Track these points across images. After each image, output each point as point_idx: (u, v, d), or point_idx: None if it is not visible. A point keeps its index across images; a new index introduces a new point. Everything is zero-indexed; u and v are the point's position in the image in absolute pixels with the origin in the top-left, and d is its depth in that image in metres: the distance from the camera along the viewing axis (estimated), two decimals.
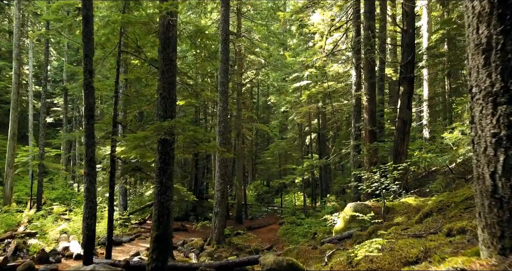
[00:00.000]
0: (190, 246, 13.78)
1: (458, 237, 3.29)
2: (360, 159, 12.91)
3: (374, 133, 12.80)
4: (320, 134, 24.75)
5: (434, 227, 4.50)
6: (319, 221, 16.79)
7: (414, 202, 8.29)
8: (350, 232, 7.83)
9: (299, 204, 27.61)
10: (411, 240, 3.80)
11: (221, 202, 14.37)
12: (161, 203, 6.85)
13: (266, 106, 41.51)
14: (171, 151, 7.04)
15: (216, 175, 14.55)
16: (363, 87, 13.39)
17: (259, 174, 39.15)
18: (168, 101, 7.06)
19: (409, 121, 12.41)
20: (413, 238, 4.03)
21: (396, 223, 6.94)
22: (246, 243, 15.90)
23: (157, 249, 6.69)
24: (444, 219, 4.96)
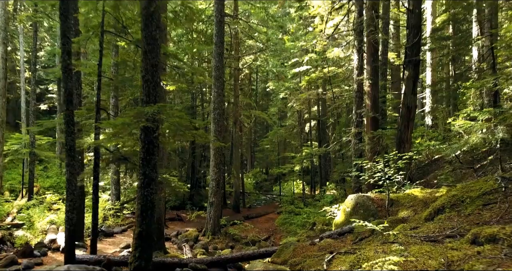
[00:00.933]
0: (184, 237, 13.26)
1: (488, 248, 2.68)
2: (361, 147, 12.29)
3: (377, 121, 12.15)
4: (320, 121, 24.09)
5: (450, 228, 3.90)
6: (318, 210, 16.28)
7: (420, 194, 7.70)
8: (351, 227, 7.26)
9: (298, 191, 27.14)
10: (426, 246, 3.19)
11: (217, 191, 13.82)
12: (145, 197, 6.25)
13: (265, 93, 40.74)
14: (155, 140, 6.40)
15: (211, 164, 13.96)
16: (365, 71, 12.68)
17: (258, 162, 38.63)
18: (151, 85, 6.38)
19: (414, 108, 11.74)
20: (427, 242, 3.43)
21: (401, 218, 6.35)
22: (243, 234, 15.42)
23: (140, 247, 6.12)
24: (460, 217, 4.36)
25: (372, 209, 7.69)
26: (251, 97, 34.64)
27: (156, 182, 6.42)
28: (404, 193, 8.16)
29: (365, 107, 12.32)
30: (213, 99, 13.95)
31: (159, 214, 10.89)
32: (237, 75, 21.70)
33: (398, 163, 8.03)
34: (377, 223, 6.40)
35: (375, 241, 5.35)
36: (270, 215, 20.22)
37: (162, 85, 10.47)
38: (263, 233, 16.30)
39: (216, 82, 13.79)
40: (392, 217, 6.76)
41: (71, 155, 7.59)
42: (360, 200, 7.97)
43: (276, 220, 18.11)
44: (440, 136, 21.56)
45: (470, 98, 19.25)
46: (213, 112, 13.92)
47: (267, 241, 14.78)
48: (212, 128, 13.92)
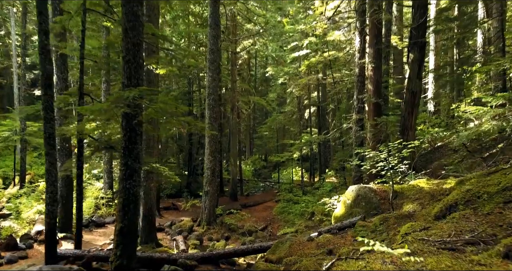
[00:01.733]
0: (178, 227, 12.82)
1: None
2: (362, 134, 11.71)
3: (379, 106, 11.55)
4: (319, 107, 23.45)
5: (469, 231, 3.36)
6: (317, 199, 15.82)
7: (427, 186, 7.16)
8: (352, 221, 6.75)
9: (297, 179, 26.71)
10: (445, 257, 2.65)
11: (212, 180, 13.32)
12: (127, 190, 5.70)
13: (265, 78, 39.92)
14: (138, 127, 5.82)
15: (206, 151, 13.41)
16: (367, 55, 12.00)
17: (257, 149, 38.11)
18: (133, 67, 5.76)
19: (419, 93, 11.11)
20: (445, 250, 2.89)
21: (407, 212, 5.82)
22: (240, 223, 14.99)
23: (121, 244, 5.60)
24: (477, 217, 3.82)
25: (374, 202, 7.17)
26: (250, 83, 33.92)
27: (139, 173, 5.87)
28: (409, 184, 7.62)
29: (367, 92, 11.69)
30: (208, 84, 13.31)
31: (150, 205, 10.40)
32: (235, 60, 20.97)
33: (403, 152, 7.46)
34: (380, 219, 5.88)
35: (379, 240, 4.82)
36: (268, 203, 19.79)
37: (152, 69, 9.83)
38: (261, 222, 15.87)
39: (211, 66, 13.13)
40: (396, 211, 6.23)
41: (51, 143, 7.04)
42: (361, 191, 7.44)
43: (274, 208, 17.68)
44: (443, 122, 20.97)
45: (476, 83, 18.59)
46: (208, 98, 13.31)
47: (264, 231, 14.37)
48: (207, 114, 13.32)
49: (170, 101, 6.00)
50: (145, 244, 10.23)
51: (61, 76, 10.89)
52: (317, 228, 12.94)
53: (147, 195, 10.31)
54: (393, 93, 20.76)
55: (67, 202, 11.15)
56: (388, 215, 5.98)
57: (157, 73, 15.26)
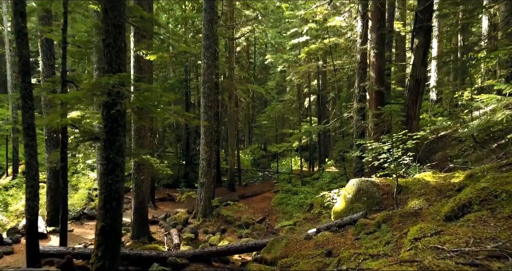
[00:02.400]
0: (173, 220, 12.42)
1: None
2: (364, 124, 11.22)
3: (382, 95, 11.03)
4: (319, 96, 22.89)
5: (490, 239, 2.90)
6: (316, 190, 15.42)
7: (433, 179, 6.70)
8: (353, 217, 6.31)
9: (296, 168, 26.29)
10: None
11: (207, 172, 12.87)
12: (109, 185, 5.24)
13: (264, 66, 39.20)
14: (121, 117, 5.33)
15: (202, 142, 12.93)
16: (369, 40, 11.42)
17: (256, 138, 37.62)
18: (113, 51, 5.23)
19: (423, 80, 10.61)
20: (464, 265, 2.43)
21: (413, 210, 5.36)
22: (237, 215, 14.60)
23: (103, 245, 5.17)
24: (497, 220, 3.36)
25: (377, 197, 6.72)
26: (249, 71, 33.23)
27: (122, 167, 5.40)
28: (414, 177, 7.17)
29: (369, 80, 11.16)
30: (203, 72, 12.75)
31: (142, 197, 9.97)
32: (232, 46, 20.33)
33: (407, 143, 6.99)
34: (383, 217, 5.43)
35: (382, 242, 4.38)
36: (266, 193, 19.40)
37: (142, 55, 9.27)
38: (258, 214, 15.49)
39: (206, 53, 12.55)
40: (401, 208, 5.77)
41: (30, 134, 6.55)
42: (363, 185, 6.99)
43: (273, 199, 17.29)
44: (445, 111, 20.43)
45: (482, 70, 18.00)
46: (203, 85, 12.76)
47: (262, 223, 13.98)
48: (202, 103, 12.81)
49: (155, 89, 5.48)
50: (137, 238, 9.84)
51: (48, 63, 10.34)
52: (316, 220, 12.57)
53: (139, 188, 9.87)
54: (395, 81, 20.20)
55: (56, 194, 10.71)
56: (392, 213, 5.53)
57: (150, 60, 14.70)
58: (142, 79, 9.85)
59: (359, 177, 11.37)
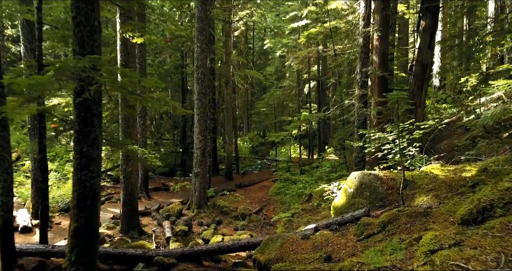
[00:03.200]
0: (166, 211, 11.94)
1: None
2: (366, 111, 10.62)
3: (385, 81, 10.41)
4: (319, 82, 22.21)
5: None
6: (315, 179, 14.94)
7: (442, 173, 6.16)
8: (354, 215, 5.78)
9: (295, 156, 25.79)
10: None
11: (202, 161, 12.34)
12: (82, 182, 4.69)
13: (263, 52, 38.39)
14: (96, 106, 4.74)
15: (195, 130, 12.36)
16: (372, 23, 10.72)
17: (255, 125, 37.03)
18: (85, 30, 4.61)
19: (430, 65, 9.99)
20: None
21: (422, 209, 4.82)
22: (233, 205, 14.16)
23: (77, 247, 4.65)
24: None
25: (380, 192, 6.19)
26: (247, 56, 32.40)
27: (98, 161, 4.83)
28: (421, 170, 6.62)
29: (372, 65, 10.51)
30: (196, 56, 12.08)
31: (132, 189, 9.46)
32: (229, 30, 19.54)
33: (414, 133, 6.41)
34: (388, 216, 4.90)
35: (388, 248, 3.86)
36: (264, 182, 18.94)
37: (129, 37, 8.61)
38: (255, 204, 15.04)
39: (199, 36, 11.86)
40: (409, 206, 5.23)
41: (2, 124, 5.96)
42: (365, 179, 6.45)
43: (271, 189, 16.83)
44: (449, 98, 19.78)
45: (488, 55, 17.31)
46: (196, 71, 12.12)
47: (259, 214, 13.52)
48: (196, 90, 12.18)
49: (132, 74, 4.87)
50: (127, 232, 9.38)
51: (29, 47, 9.69)
52: (315, 211, 12.10)
53: (127, 179, 9.35)
54: (397, 67, 19.51)
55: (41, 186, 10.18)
56: (398, 211, 4.99)
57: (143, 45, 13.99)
58: (130, 64, 9.22)
59: (360, 167, 10.85)
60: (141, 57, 14.08)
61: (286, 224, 11.38)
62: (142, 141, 14.43)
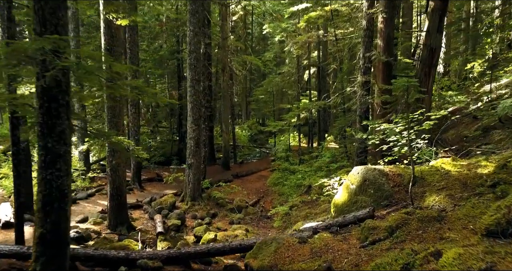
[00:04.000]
0: (159, 204, 11.42)
1: None
2: (368, 99, 9.98)
3: (390, 66, 9.73)
4: (320, 68, 21.47)
5: None
6: (314, 170, 14.40)
7: (454, 168, 5.57)
8: (357, 215, 5.22)
9: (295, 144, 25.23)
10: None
11: (196, 152, 11.76)
12: (48, 182, 4.10)
13: (262, 37, 37.39)
14: (63, 95, 4.11)
15: (189, 119, 11.74)
16: (376, 4, 9.99)
17: (254, 112, 36.32)
18: (47, 7, 3.95)
19: (439, 50, 9.31)
20: None
21: (436, 213, 4.25)
22: (229, 197, 13.64)
23: (43, 257, 4.09)
24: None
25: (386, 189, 5.61)
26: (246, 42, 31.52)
27: (66, 159, 4.23)
28: (430, 165, 6.03)
29: (376, 49, 9.82)
30: (189, 41, 11.37)
31: (119, 183, 8.89)
32: (225, 14, 18.71)
33: (424, 124, 5.81)
34: (397, 220, 4.33)
35: (399, 261, 3.29)
36: (262, 172, 18.40)
37: (112, 19, 7.91)
38: (252, 195, 14.52)
39: (192, 19, 11.13)
40: (420, 209, 4.65)
41: None
42: (369, 175, 5.86)
43: (268, 179, 16.31)
44: (454, 85, 19.07)
45: (496, 40, 16.56)
46: (189, 56, 11.43)
47: (256, 206, 13.02)
48: (189, 76, 11.51)
49: (108, 59, 4.23)
50: (114, 227, 8.86)
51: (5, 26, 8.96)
52: (314, 203, 11.58)
53: (114, 172, 8.77)
54: (401, 52, 18.75)
55: (26, 179, 9.61)
56: (407, 214, 4.43)
57: (134, 29, 13.25)
58: (115, 49, 8.54)
59: (361, 159, 10.26)
60: (132, 42, 13.37)
61: (284, 218, 10.88)
62: (134, 129, 13.83)
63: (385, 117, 9.46)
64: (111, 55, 8.43)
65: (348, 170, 11.23)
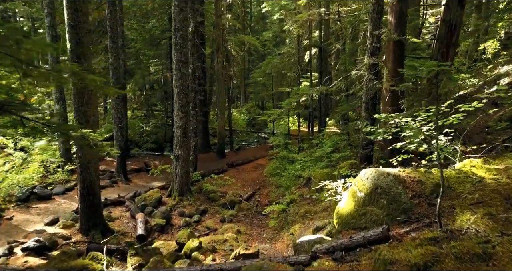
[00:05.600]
0: (143, 200, 10.36)
1: None
2: (376, 84, 8.75)
3: (402, 46, 8.44)
4: (321, 48, 20.07)
5: None
6: (314, 161, 13.29)
7: (488, 174, 4.43)
8: (368, 236, 4.10)
9: (294, 129, 24.08)
10: None
11: (184, 142, 10.62)
12: None
13: (262, 16, 35.72)
14: None
15: (175, 106, 10.56)
16: None
17: (254, 95, 34.93)
18: None
19: (459, 26, 8.00)
20: None
21: (480, 250, 3.11)
22: (222, 189, 12.62)
23: None
24: None
25: (403, 201, 4.48)
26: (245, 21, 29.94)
27: None
28: (457, 169, 4.88)
29: (386, 26, 8.53)
30: (174, 17, 10.06)
31: (91, 181, 7.79)
32: None
33: (451, 118, 4.65)
34: (424, 255, 3.22)
35: None
36: (259, 160, 17.34)
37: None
38: (248, 187, 13.49)
39: None
40: (454, 239, 3.51)
41: None
42: (382, 181, 4.72)
43: (266, 168, 15.24)
44: (463, 67, 17.70)
45: None
46: (174, 35, 10.14)
47: (251, 200, 12.01)
48: (174, 57, 10.25)
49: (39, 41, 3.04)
50: (87, 231, 7.83)
51: None
52: (313, 200, 10.52)
53: (84, 169, 7.66)
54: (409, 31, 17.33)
55: None
56: (436, 242, 3.32)
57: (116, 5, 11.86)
58: (82, 25, 7.28)
59: (367, 152, 9.10)
60: (112, 19, 12.03)
61: (280, 216, 9.84)
62: (117, 116, 12.66)
63: (395, 105, 8.28)
64: (77, 33, 7.21)
65: (352, 162, 10.11)
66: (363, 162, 8.86)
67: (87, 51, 7.39)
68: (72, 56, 7.26)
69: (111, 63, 12.20)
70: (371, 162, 8.92)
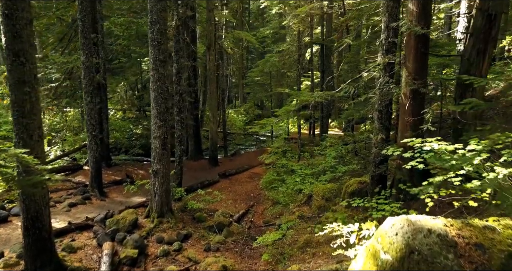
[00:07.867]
0: (114, 223, 8.79)
1: None
2: (392, 90, 7.14)
3: (426, 41, 6.82)
4: (323, 45, 18.46)
5: None
6: (316, 175, 11.72)
7: None
8: None
9: (294, 130, 22.50)
10: None
11: (162, 155, 9.04)
12: None
13: (261, 12, 34.10)
14: None
15: (152, 112, 8.97)
16: None
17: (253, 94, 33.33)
18: None
19: (499, 17, 6.40)
20: None
21: None
22: (211, 206, 11.09)
23: None
24: None
25: None
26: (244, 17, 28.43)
27: None
28: None
29: (407, 17, 6.92)
30: (150, 8, 8.47)
31: (36, 211, 6.19)
32: None
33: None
34: None
35: None
36: (255, 169, 15.77)
37: None
38: (240, 202, 11.94)
39: None
40: None
41: None
42: (419, 243, 3.13)
43: (262, 179, 13.65)
44: None
45: None
46: (150, 29, 8.56)
47: (242, 220, 10.47)
48: (151, 55, 8.67)
49: None
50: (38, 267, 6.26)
51: None
52: (316, 221, 8.97)
53: (28, 197, 6.09)
54: None
55: None
56: None
57: None
58: (19, 14, 5.70)
59: (381, 171, 7.49)
60: (84, 11, 10.44)
61: (276, 245, 8.26)
62: (91, 124, 11.07)
63: (417, 115, 6.69)
64: (13, 24, 5.63)
65: (361, 180, 8.52)
66: (376, 184, 7.27)
67: (28, 47, 5.81)
68: (9, 54, 5.70)
69: (83, 62, 10.59)
70: (385, 184, 7.34)
